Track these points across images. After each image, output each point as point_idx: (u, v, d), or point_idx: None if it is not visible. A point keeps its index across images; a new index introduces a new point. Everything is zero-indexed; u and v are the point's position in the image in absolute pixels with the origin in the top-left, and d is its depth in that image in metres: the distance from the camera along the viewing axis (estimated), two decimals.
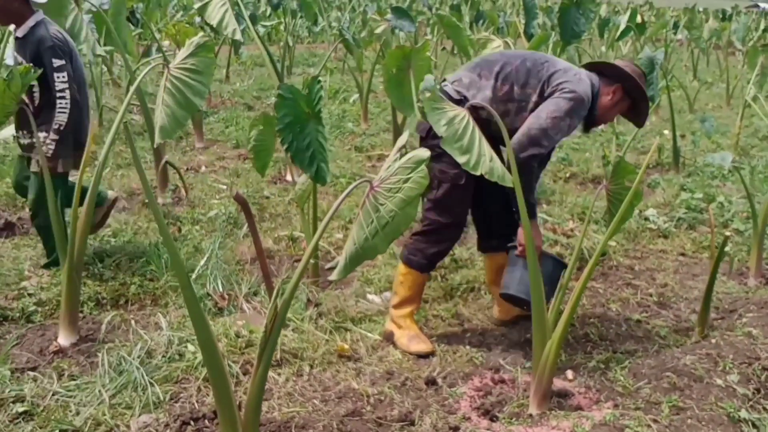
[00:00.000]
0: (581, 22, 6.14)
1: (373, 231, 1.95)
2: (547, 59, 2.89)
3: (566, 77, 2.77)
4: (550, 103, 2.73)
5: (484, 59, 2.97)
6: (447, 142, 2.30)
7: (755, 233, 3.74)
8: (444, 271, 3.63)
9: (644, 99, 2.93)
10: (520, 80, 2.80)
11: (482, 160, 2.34)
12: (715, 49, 14.51)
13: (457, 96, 2.79)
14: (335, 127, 6.96)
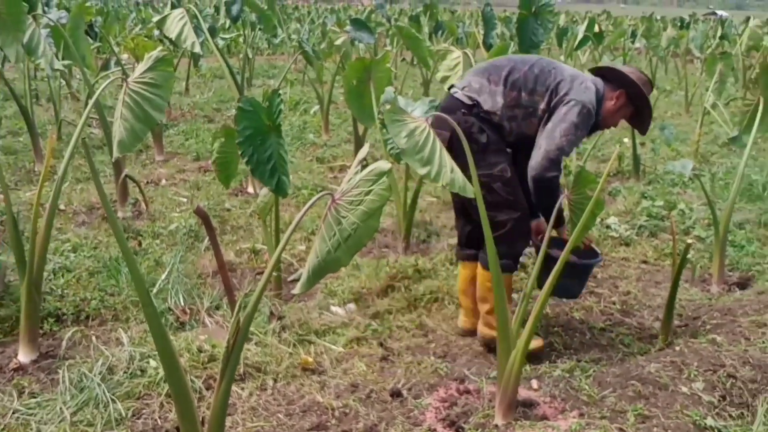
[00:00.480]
0: (539, 32, 6.18)
1: (336, 244, 1.92)
2: (554, 65, 2.91)
3: (573, 87, 2.80)
4: (561, 119, 2.75)
5: (492, 64, 2.97)
6: (408, 153, 2.28)
7: (717, 240, 3.79)
8: (407, 281, 3.61)
9: (647, 106, 2.96)
10: (528, 86, 2.82)
11: (443, 171, 2.33)
12: (673, 57, 14.79)
13: (470, 101, 2.82)
14: (296, 138, 6.93)
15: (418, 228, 4.49)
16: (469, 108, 2.82)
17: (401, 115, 2.31)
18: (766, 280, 3.85)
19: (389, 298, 3.47)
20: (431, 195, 5.30)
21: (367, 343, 3.07)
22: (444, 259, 3.91)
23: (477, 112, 2.83)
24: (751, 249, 4.27)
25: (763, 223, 4.82)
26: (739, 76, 9.83)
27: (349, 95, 4.29)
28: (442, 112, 2.81)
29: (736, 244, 4.35)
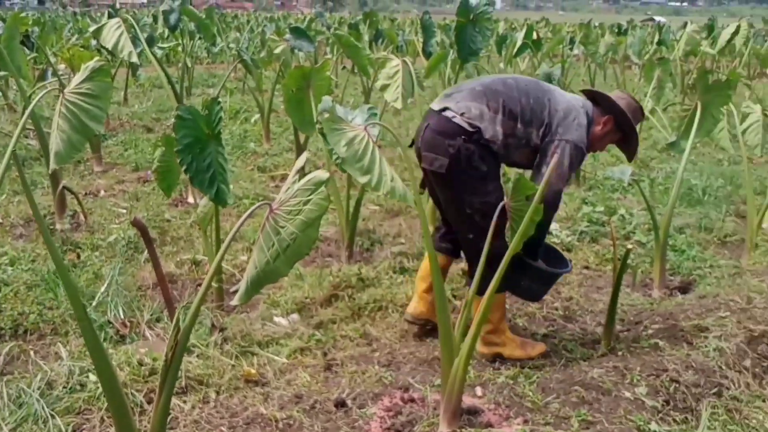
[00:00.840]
0: (478, 39, 6.20)
1: (275, 254, 1.87)
2: (549, 95, 2.88)
3: (567, 124, 2.80)
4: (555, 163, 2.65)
5: (486, 87, 2.88)
6: (348, 162, 2.25)
7: (657, 245, 3.84)
8: (351, 290, 3.57)
9: (635, 134, 3.00)
10: (525, 118, 2.81)
11: (384, 180, 2.30)
12: (612, 64, 15.10)
13: (472, 129, 2.76)
14: (237, 147, 6.83)
15: (361, 237, 4.45)
16: (470, 135, 2.76)
17: (340, 123, 2.28)
18: (707, 284, 3.91)
19: (333, 307, 3.43)
20: (374, 203, 5.27)
21: (310, 353, 3.02)
22: (387, 268, 3.89)
23: (478, 139, 2.77)
24: (692, 253, 4.35)
25: (703, 228, 4.93)
26: (677, 81, 10.08)
27: (289, 104, 4.23)
28: (439, 136, 2.78)
29: (677, 249, 4.42)
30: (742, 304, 3.45)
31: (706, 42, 12.01)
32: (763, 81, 13.46)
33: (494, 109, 2.80)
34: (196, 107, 2.90)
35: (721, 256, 4.41)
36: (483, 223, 2.66)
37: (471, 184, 2.76)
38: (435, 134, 2.80)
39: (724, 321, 3.24)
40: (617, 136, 3.03)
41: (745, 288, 3.65)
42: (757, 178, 5.82)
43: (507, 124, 2.79)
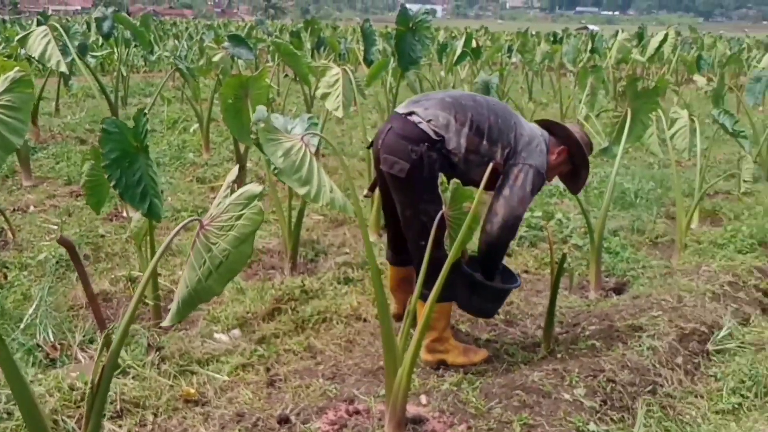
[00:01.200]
0: (417, 48, 6.25)
1: (207, 272, 1.83)
2: (515, 119, 2.92)
3: (530, 149, 2.84)
4: (519, 186, 2.80)
5: (456, 100, 2.89)
6: (285, 173, 2.22)
7: (592, 248, 3.93)
8: (294, 303, 3.53)
9: (586, 167, 3.05)
10: (492, 136, 2.82)
11: (323, 191, 2.28)
12: (548, 71, 15.44)
13: (436, 137, 2.76)
14: (175, 158, 6.71)
15: (304, 247, 4.42)
16: (433, 143, 2.76)
17: (276, 134, 2.25)
18: (640, 284, 4.02)
19: (276, 321, 3.37)
20: (318, 213, 5.24)
21: (253, 369, 2.97)
22: (332, 278, 3.86)
23: (440, 148, 2.77)
24: (625, 255, 4.47)
25: (636, 229, 5.06)
26: (609, 88, 10.35)
27: (227, 113, 4.17)
28: (402, 140, 2.77)
29: (611, 251, 4.53)
30: (673, 303, 3.57)
31: (637, 50, 12.37)
32: (690, 87, 13.92)
33: (461, 122, 2.80)
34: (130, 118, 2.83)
35: (653, 257, 4.54)
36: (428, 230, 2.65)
37: (429, 192, 2.74)
38: (398, 137, 2.79)
39: (657, 320, 3.34)
40: (567, 168, 3.10)
41: (676, 287, 3.77)
42: (685, 181, 6.00)
43: (472, 139, 2.80)
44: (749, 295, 3.90)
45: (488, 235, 2.83)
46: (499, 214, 2.80)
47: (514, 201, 2.81)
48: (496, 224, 2.81)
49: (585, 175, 3.10)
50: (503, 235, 2.84)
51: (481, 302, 3.07)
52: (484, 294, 3.06)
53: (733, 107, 10.40)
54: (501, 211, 2.81)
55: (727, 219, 5.24)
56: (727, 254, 4.35)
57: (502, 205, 2.81)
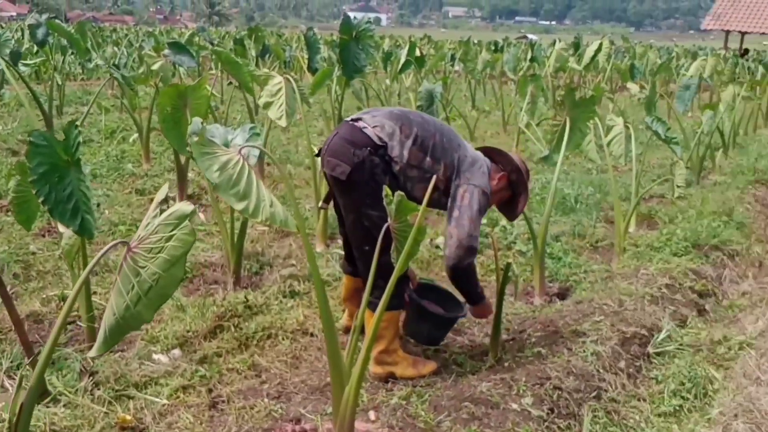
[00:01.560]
0: (362, 57, 6.26)
1: (135, 298, 1.74)
2: (459, 141, 2.93)
3: (474, 170, 2.85)
4: (467, 206, 2.81)
5: (404, 114, 2.92)
6: (222, 188, 2.15)
7: (536, 254, 3.95)
8: (237, 319, 3.44)
9: (525, 194, 3.07)
10: (436, 154, 2.82)
11: (262, 206, 2.21)
12: (490, 79, 15.60)
13: (380, 141, 2.76)
14: (113, 169, 6.50)
15: (249, 260, 4.33)
16: (376, 148, 2.76)
17: (211, 147, 2.18)
18: (582, 289, 4.07)
19: (218, 339, 3.27)
20: (262, 224, 5.12)
21: (194, 391, 2.86)
22: (277, 292, 3.78)
23: (383, 155, 2.77)
24: (568, 260, 4.52)
25: (577, 234, 5.13)
26: (548, 96, 10.52)
27: (165, 124, 4.06)
28: (346, 143, 2.76)
29: (554, 256, 4.57)
30: (615, 307, 3.62)
31: (574, 59, 12.62)
32: (624, 94, 14.29)
33: (406, 134, 2.81)
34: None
35: (593, 261, 4.61)
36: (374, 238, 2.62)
37: (372, 197, 2.74)
38: (343, 141, 2.79)
39: (599, 325, 3.39)
40: (507, 195, 3.11)
41: (616, 291, 3.83)
42: (622, 186, 6.14)
43: (415, 154, 2.80)
44: (685, 296, 4.00)
45: (449, 259, 2.85)
46: (454, 236, 2.82)
47: (464, 221, 2.82)
48: (453, 247, 2.82)
49: (523, 202, 3.12)
50: (463, 255, 2.83)
51: (429, 330, 3.12)
52: (432, 322, 3.10)
53: (664, 114, 10.74)
54: (455, 233, 2.82)
55: (663, 222, 5.38)
56: (664, 257, 4.44)
57: (454, 227, 2.83)
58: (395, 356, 2.98)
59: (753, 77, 15.74)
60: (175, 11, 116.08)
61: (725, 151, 8.17)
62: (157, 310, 1.80)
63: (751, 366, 3.13)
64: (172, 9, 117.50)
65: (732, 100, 8.37)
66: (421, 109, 5.80)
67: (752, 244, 5.10)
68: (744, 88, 8.48)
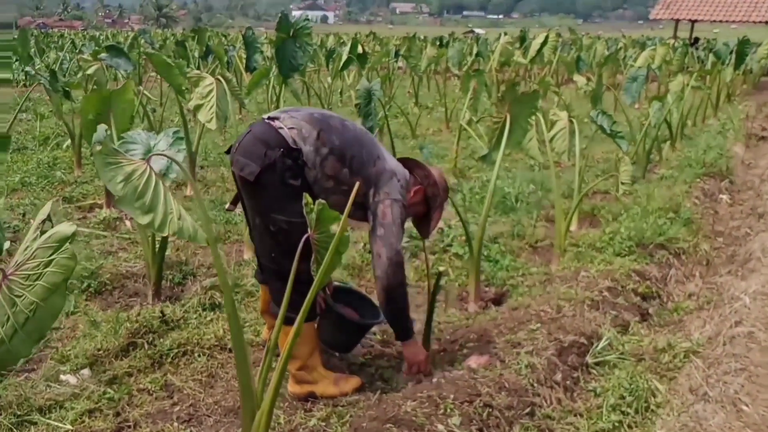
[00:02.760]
0: (299, 55, 6.08)
1: (11, 331, 1.55)
2: (378, 154, 2.79)
3: (392, 184, 2.74)
4: (390, 222, 2.70)
5: (325, 119, 2.76)
6: (125, 201, 1.96)
7: (471, 259, 3.82)
8: (152, 335, 3.22)
9: (439, 211, 2.94)
10: (354, 167, 2.70)
11: (169, 219, 2.03)
12: (435, 75, 15.52)
13: (294, 145, 2.61)
14: (42, 177, 6.20)
15: (171, 270, 4.12)
16: (290, 150, 2.61)
17: (115, 156, 1.98)
18: (519, 293, 3.95)
19: (130, 357, 3.06)
20: None
21: (101, 414, 2.66)
22: (197, 304, 3.57)
23: (297, 158, 2.62)
24: (505, 263, 4.40)
25: (516, 235, 5.02)
26: (492, 91, 10.44)
27: (87, 131, 3.83)
28: (258, 142, 2.62)
29: (491, 259, 4.46)
30: (552, 313, 3.50)
31: (519, 52, 12.60)
32: (570, 87, 14.31)
33: (324, 141, 2.67)
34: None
35: (532, 263, 4.51)
36: (286, 243, 2.52)
37: (279, 201, 2.60)
38: (255, 140, 2.64)
39: (535, 334, 3.26)
40: (421, 209, 2.98)
41: (555, 296, 3.71)
42: (565, 182, 6.06)
43: (333, 165, 2.67)
44: (628, 299, 3.90)
45: (381, 279, 2.72)
46: (383, 255, 2.70)
47: (391, 237, 2.71)
48: (384, 266, 2.70)
49: (437, 218, 3.00)
50: (394, 273, 2.72)
51: (344, 337, 3.03)
52: (348, 329, 3.00)
53: (611, 106, 10.74)
54: (383, 252, 2.71)
55: (606, 221, 5.29)
56: (606, 258, 4.35)
57: (380, 246, 2.71)
58: (315, 374, 2.82)
59: (703, 66, 15.93)
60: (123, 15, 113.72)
61: (673, 144, 8.13)
62: (36, 345, 1.60)
63: (697, 378, 2.99)
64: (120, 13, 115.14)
65: (681, 90, 8.33)
66: (358, 108, 5.65)
67: (699, 241, 4.99)
68: (693, 78, 8.47)
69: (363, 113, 5.55)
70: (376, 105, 5.51)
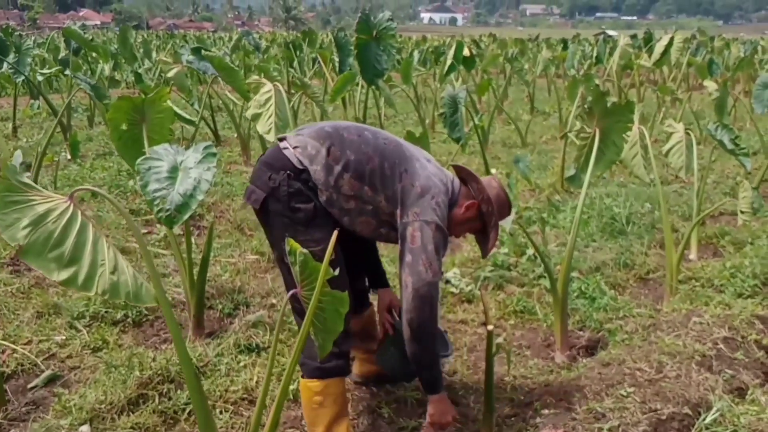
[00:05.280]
0: (383, 59, 5.67)
1: None
2: (406, 167, 2.41)
3: (423, 203, 2.37)
4: (420, 249, 2.33)
5: (337, 131, 2.43)
6: (32, 252, 1.54)
7: (555, 300, 3.21)
8: (168, 386, 2.79)
9: (495, 229, 2.57)
10: (375, 183, 2.37)
11: (99, 273, 1.60)
12: (556, 78, 14.64)
13: (300, 166, 2.34)
14: (116, 186, 6.00)
15: (222, 298, 3.74)
16: (297, 172, 2.33)
17: (23, 192, 1.57)
18: (617, 341, 3.30)
19: (137, 414, 2.63)
20: (254, 252, 4.52)
21: None
22: (232, 345, 3.14)
23: (306, 179, 2.34)
24: (603, 301, 3.73)
25: (624, 264, 4.32)
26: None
27: (120, 142, 3.49)
28: (264, 167, 2.38)
29: (588, 296, 3.80)
30: (652, 373, 2.84)
31: (644, 55, 11.58)
32: (703, 93, 13.07)
33: (335, 158, 2.34)
34: None
35: (638, 302, 3.82)
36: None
37: (290, 229, 2.30)
38: (262, 165, 2.41)
39: (626, 401, 2.62)
40: (477, 226, 2.58)
41: (657, 350, 3.02)
42: (685, 202, 5.25)
43: (351, 183, 2.34)
44: (749, 354, 3.14)
45: (406, 312, 2.36)
46: (409, 285, 2.34)
47: (419, 266, 2.32)
48: (409, 299, 2.34)
49: (494, 238, 2.58)
50: (421, 307, 2.33)
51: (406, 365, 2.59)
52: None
53: (746, 116, 9.57)
54: (409, 281, 2.33)
55: (728, 253, 4.46)
56: (725, 299, 3.60)
57: (407, 275, 2.34)
58: None
59: None
60: (253, 17, 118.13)
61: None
62: None
63: None
64: (250, 15, 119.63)
65: None
66: (443, 117, 5.11)
67: None
68: None
69: (449, 123, 5.01)
70: (462, 114, 4.95)
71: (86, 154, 7.28)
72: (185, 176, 2.78)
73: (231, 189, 5.84)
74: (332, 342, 1.87)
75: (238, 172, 6.65)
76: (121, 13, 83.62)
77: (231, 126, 8.04)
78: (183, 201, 2.61)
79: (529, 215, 5.23)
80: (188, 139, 6.75)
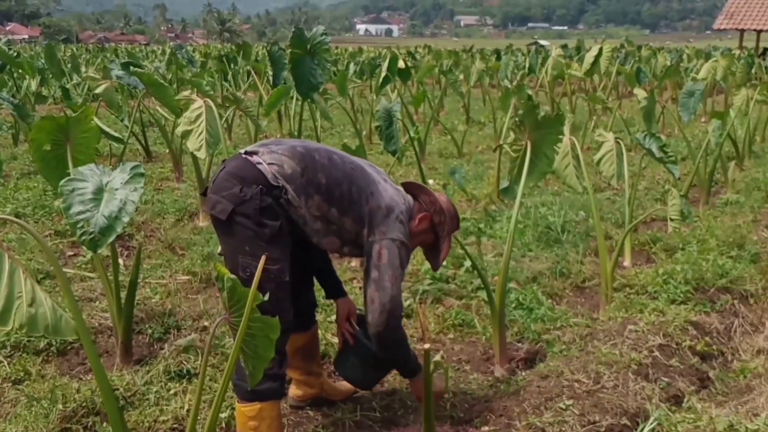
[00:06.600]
0: (318, 73, 5.60)
1: None
2: (372, 190, 2.51)
3: (389, 223, 2.48)
4: (386, 265, 2.44)
5: (309, 153, 2.45)
6: None
7: (493, 312, 3.19)
8: (93, 419, 2.67)
9: (447, 240, 2.68)
10: (343, 206, 2.45)
11: (16, 307, 1.50)
12: (491, 88, 14.82)
13: (275, 182, 2.34)
14: (40, 207, 5.76)
15: (152, 322, 3.60)
16: (270, 188, 2.33)
17: None
18: (555, 352, 3.30)
19: None
20: (185, 272, 4.39)
21: None
22: (162, 372, 3.02)
23: (278, 196, 2.34)
24: (541, 311, 3.74)
25: (560, 273, 4.35)
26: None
27: (43, 164, 3.35)
28: (233, 179, 2.34)
29: (525, 306, 3.80)
30: (589, 384, 2.85)
31: (576, 64, 11.83)
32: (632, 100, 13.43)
33: (309, 180, 2.39)
34: None
35: (575, 311, 3.84)
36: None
37: (252, 244, 2.30)
38: (229, 176, 2.36)
39: (565, 415, 2.63)
40: (429, 238, 2.68)
41: (594, 360, 3.04)
42: (618, 209, 5.33)
43: (320, 204, 2.40)
44: (684, 361, 3.20)
45: (373, 327, 2.47)
46: (376, 300, 2.45)
47: (386, 281, 2.44)
48: (377, 313, 2.45)
49: (446, 249, 2.70)
50: (388, 320, 2.46)
51: (377, 374, 2.81)
52: (382, 365, 2.74)
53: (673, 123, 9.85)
54: (376, 297, 2.45)
55: (660, 258, 4.55)
56: (659, 306, 3.65)
57: (374, 290, 2.45)
58: None
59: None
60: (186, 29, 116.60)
61: (739, 163, 7.33)
62: None
63: None
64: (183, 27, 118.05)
65: (745, 104, 7.56)
66: (379, 131, 5.08)
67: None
68: (758, 91, 7.62)
69: (384, 137, 4.98)
70: (396, 127, 4.92)
71: (10, 173, 7.00)
72: (111, 198, 2.67)
73: (162, 207, 5.68)
74: (263, 369, 1.80)
75: (170, 189, 6.48)
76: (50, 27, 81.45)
77: (163, 141, 7.84)
78: (108, 223, 2.51)
79: (466, 226, 5.22)
80: (117, 156, 6.56)
